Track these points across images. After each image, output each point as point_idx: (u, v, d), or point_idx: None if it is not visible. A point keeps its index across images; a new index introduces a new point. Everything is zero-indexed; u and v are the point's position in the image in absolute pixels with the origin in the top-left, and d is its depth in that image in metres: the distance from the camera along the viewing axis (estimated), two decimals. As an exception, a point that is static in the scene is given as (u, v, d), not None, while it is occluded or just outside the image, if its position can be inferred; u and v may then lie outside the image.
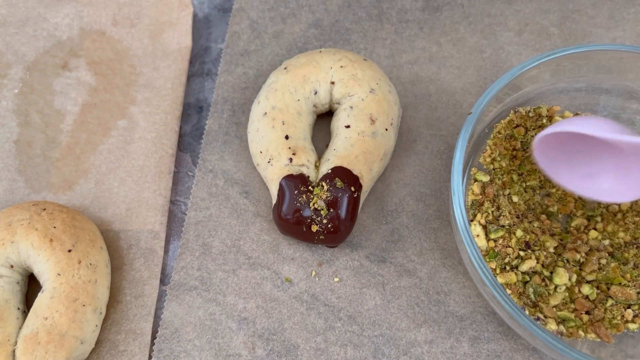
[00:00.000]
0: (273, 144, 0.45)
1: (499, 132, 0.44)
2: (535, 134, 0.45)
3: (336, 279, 0.45)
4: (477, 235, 0.40)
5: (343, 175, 0.43)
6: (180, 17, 0.54)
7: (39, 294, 0.41)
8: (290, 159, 0.44)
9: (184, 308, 0.44)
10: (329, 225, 0.42)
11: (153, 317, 0.44)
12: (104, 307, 0.42)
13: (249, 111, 0.51)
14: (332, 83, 0.47)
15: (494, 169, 0.43)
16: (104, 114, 0.51)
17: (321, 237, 0.43)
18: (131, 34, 0.54)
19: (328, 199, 0.42)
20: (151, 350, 0.43)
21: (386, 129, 0.45)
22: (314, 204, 0.43)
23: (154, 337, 0.43)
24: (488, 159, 0.43)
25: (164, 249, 0.46)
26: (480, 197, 0.42)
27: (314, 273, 0.45)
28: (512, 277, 0.39)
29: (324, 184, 0.43)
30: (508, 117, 0.44)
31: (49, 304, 0.40)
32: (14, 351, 0.39)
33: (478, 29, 0.53)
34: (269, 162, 0.45)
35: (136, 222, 0.47)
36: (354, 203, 0.43)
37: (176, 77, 0.52)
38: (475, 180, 0.42)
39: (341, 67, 0.47)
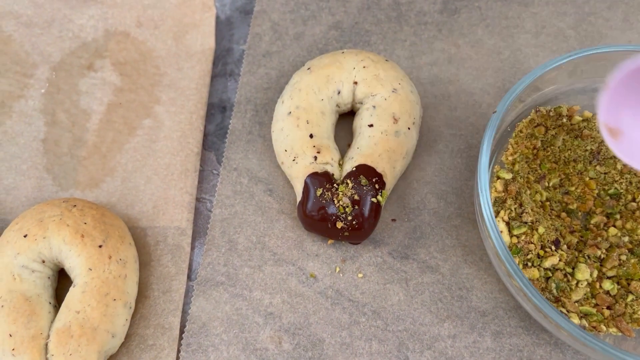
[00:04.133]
0: (298, 143, 0.46)
1: (521, 131, 0.45)
2: (556, 133, 0.45)
3: (360, 275, 0.45)
4: (501, 232, 0.41)
5: (367, 173, 0.44)
6: (203, 19, 0.56)
7: (71, 289, 0.42)
8: (315, 157, 0.45)
9: (211, 303, 0.45)
10: (354, 222, 0.43)
11: (181, 312, 0.44)
12: (133, 301, 0.43)
13: (271, 111, 0.52)
14: (355, 83, 0.48)
15: (515, 168, 0.44)
16: (129, 113, 0.52)
17: (345, 233, 0.44)
18: (155, 36, 0.55)
19: (353, 196, 0.43)
20: (179, 344, 0.43)
21: (408, 128, 0.46)
22: (338, 201, 0.43)
23: (182, 331, 0.44)
24: (510, 158, 0.44)
25: (190, 246, 0.47)
26: (503, 194, 0.43)
27: (338, 269, 0.46)
28: (534, 272, 0.40)
29: (348, 181, 0.44)
30: (529, 116, 0.45)
31: (81, 298, 0.41)
32: (46, 344, 0.40)
33: (496, 31, 0.54)
34: (294, 160, 0.46)
35: (163, 219, 0.47)
36: (377, 201, 0.44)
37: (200, 78, 0.53)
38: (498, 178, 0.43)
39: (364, 67, 0.48)
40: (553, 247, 0.41)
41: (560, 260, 0.41)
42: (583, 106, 0.47)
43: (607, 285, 0.41)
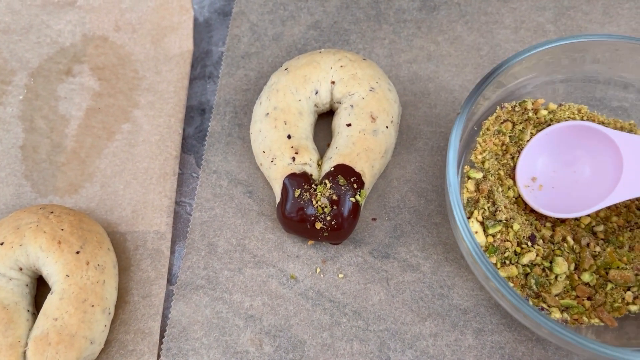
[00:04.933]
0: (276, 144, 0.45)
1: (488, 129, 0.44)
2: (523, 128, 0.45)
3: (341, 275, 0.45)
4: (476, 232, 0.41)
5: (345, 173, 0.44)
6: (181, 22, 0.55)
7: (49, 296, 0.42)
8: (293, 158, 0.45)
9: (191, 307, 0.44)
10: (333, 222, 0.43)
11: (161, 316, 0.44)
12: (112, 307, 0.43)
13: (250, 112, 0.51)
14: (333, 83, 0.47)
15: (485, 166, 0.44)
16: (108, 118, 0.51)
17: (325, 234, 0.43)
18: (133, 39, 0.55)
19: (331, 196, 0.43)
20: (160, 349, 0.43)
21: (387, 127, 0.46)
22: (317, 202, 0.43)
23: (162, 336, 0.44)
24: (479, 156, 0.44)
25: (170, 250, 0.47)
26: (475, 194, 0.42)
27: (318, 270, 0.45)
28: (513, 270, 0.40)
29: (326, 181, 0.44)
30: (495, 113, 0.45)
31: (59, 305, 0.40)
32: (24, 352, 0.40)
33: (475, 27, 0.54)
34: (272, 161, 0.45)
35: (142, 223, 0.47)
36: (356, 200, 0.43)
37: (178, 81, 0.53)
38: (469, 177, 0.43)
39: (341, 66, 0.47)
40: (529, 243, 0.41)
41: (537, 255, 0.41)
42: (547, 99, 0.46)
43: (586, 277, 0.41)
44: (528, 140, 0.45)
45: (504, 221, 0.41)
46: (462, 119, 0.41)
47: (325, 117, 0.51)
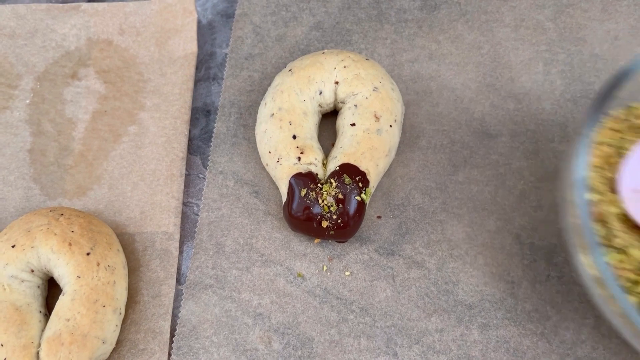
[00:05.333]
0: (281, 144, 0.46)
1: (594, 142, 0.39)
2: (628, 137, 0.40)
3: (347, 273, 0.46)
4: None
5: (350, 172, 0.44)
6: (184, 24, 0.56)
7: (60, 297, 0.42)
8: (299, 158, 0.45)
9: (201, 306, 0.45)
10: (339, 221, 0.44)
11: (171, 315, 0.45)
12: (123, 307, 0.44)
13: (255, 113, 0.52)
14: (336, 83, 0.48)
15: (593, 183, 0.39)
16: (114, 120, 0.52)
17: (331, 232, 0.44)
18: (138, 42, 0.55)
19: (337, 195, 0.44)
20: (170, 348, 0.44)
21: (390, 126, 0.47)
22: (323, 201, 0.44)
23: (172, 335, 0.45)
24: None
25: (178, 250, 0.47)
26: None
27: (325, 268, 0.46)
28: (631, 300, 0.35)
29: (332, 180, 0.44)
30: (603, 124, 0.40)
31: (71, 306, 0.41)
32: (37, 353, 0.41)
33: (475, 25, 0.55)
34: (277, 161, 0.46)
35: (150, 224, 0.48)
36: (361, 199, 0.44)
37: (183, 83, 0.53)
38: None
39: (344, 67, 0.48)
40: None
41: None
42: None
43: None
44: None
45: (621, 248, 0.36)
46: (586, 141, 0.35)
47: (329, 117, 0.51)
